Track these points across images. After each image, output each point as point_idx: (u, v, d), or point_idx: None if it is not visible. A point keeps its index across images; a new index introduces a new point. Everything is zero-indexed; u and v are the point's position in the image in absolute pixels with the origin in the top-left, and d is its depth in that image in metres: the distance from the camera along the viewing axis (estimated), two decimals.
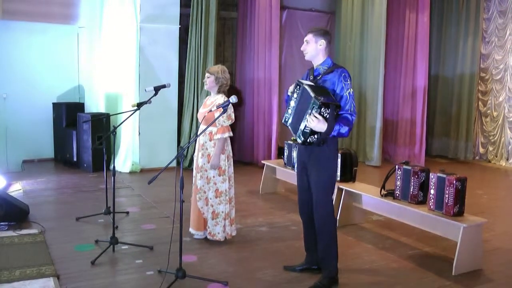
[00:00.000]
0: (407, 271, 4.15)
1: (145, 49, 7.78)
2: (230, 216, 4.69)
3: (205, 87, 4.65)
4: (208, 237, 4.64)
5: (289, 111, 3.72)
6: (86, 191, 6.57)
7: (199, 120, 4.69)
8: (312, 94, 3.45)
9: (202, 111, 4.60)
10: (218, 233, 4.60)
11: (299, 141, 3.61)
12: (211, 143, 4.53)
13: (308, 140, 3.53)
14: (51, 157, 8.57)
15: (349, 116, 3.52)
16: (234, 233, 4.77)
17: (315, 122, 3.43)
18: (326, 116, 3.44)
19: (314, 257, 3.91)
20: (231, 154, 4.70)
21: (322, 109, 3.41)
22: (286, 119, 3.75)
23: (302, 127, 3.52)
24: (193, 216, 4.68)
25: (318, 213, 3.67)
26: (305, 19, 9.87)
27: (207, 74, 4.58)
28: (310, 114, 3.44)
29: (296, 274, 3.98)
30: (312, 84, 3.62)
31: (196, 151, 4.67)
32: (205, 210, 4.61)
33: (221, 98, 4.52)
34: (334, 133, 3.49)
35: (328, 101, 3.43)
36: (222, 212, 4.60)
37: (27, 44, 8.22)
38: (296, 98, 3.65)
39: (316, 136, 3.52)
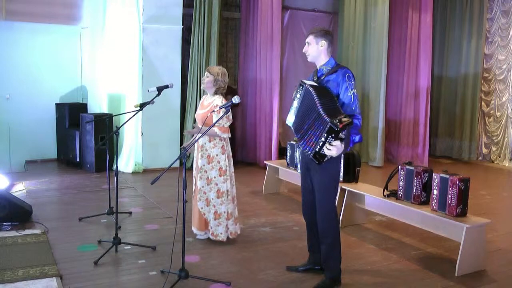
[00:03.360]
0: (410, 271, 4.14)
1: (148, 50, 7.79)
2: (234, 215, 4.70)
3: (202, 86, 4.64)
4: (211, 237, 4.63)
5: (292, 111, 3.71)
6: (89, 191, 6.58)
7: (198, 121, 4.69)
8: (327, 118, 3.31)
9: (200, 112, 4.59)
10: (221, 233, 4.60)
11: (314, 161, 3.50)
12: (211, 144, 4.54)
13: (324, 160, 3.49)
14: (54, 157, 8.58)
15: (356, 122, 3.49)
16: (239, 231, 4.78)
17: (335, 151, 3.37)
18: (343, 137, 3.38)
19: (317, 257, 3.91)
20: (231, 154, 4.70)
21: (340, 133, 3.35)
22: (289, 120, 3.75)
23: (317, 149, 3.42)
24: (195, 216, 4.69)
25: (321, 215, 3.66)
26: (308, 19, 9.86)
27: (206, 73, 4.57)
28: (326, 140, 3.35)
29: (299, 274, 3.98)
30: (316, 84, 3.60)
31: (195, 152, 4.68)
32: (206, 210, 4.60)
33: (218, 99, 4.52)
34: (350, 145, 3.48)
35: (343, 122, 3.32)
36: (225, 212, 4.60)
37: (30, 45, 8.24)
38: (299, 98, 3.63)
39: None
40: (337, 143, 3.36)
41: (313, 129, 3.46)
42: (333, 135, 3.34)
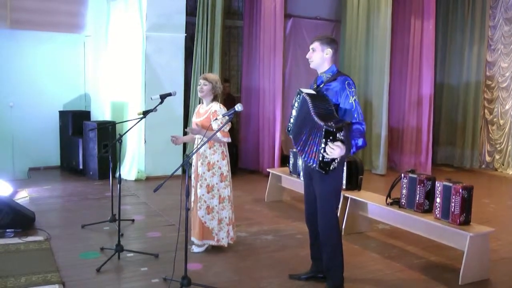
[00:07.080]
0: (413, 280, 4.12)
1: (151, 58, 7.82)
2: (232, 220, 4.71)
3: (200, 95, 4.60)
4: (214, 243, 4.60)
5: (291, 120, 3.73)
6: (92, 198, 6.58)
7: None
8: (321, 123, 3.30)
9: (197, 121, 4.55)
10: (223, 238, 4.59)
11: (321, 171, 3.44)
12: (211, 151, 4.53)
13: (330, 168, 3.45)
14: (57, 164, 8.60)
15: (360, 127, 3.46)
16: (234, 236, 4.76)
17: (337, 152, 3.32)
18: (342, 138, 3.34)
19: (320, 265, 3.89)
20: (229, 159, 4.72)
21: (337, 134, 3.32)
22: (289, 128, 3.77)
23: (320, 158, 3.39)
24: (195, 226, 4.64)
25: (322, 222, 3.65)
26: (310, 27, 9.88)
27: (204, 81, 4.52)
28: (326, 144, 3.32)
29: (301, 282, 3.97)
30: (313, 92, 3.60)
31: (195, 160, 4.67)
32: (208, 218, 4.57)
33: (216, 106, 4.51)
34: (353, 149, 3.45)
35: (339, 123, 3.32)
36: (226, 217, 4.59)
37: (34, 53, 8.29)
38: (297, 107, 3.65)
39: (337, 160, 3.43)
40: (337, 143, 3.32)
41: (311, 139, 3.45)
42: (330, 137, 3.32)
